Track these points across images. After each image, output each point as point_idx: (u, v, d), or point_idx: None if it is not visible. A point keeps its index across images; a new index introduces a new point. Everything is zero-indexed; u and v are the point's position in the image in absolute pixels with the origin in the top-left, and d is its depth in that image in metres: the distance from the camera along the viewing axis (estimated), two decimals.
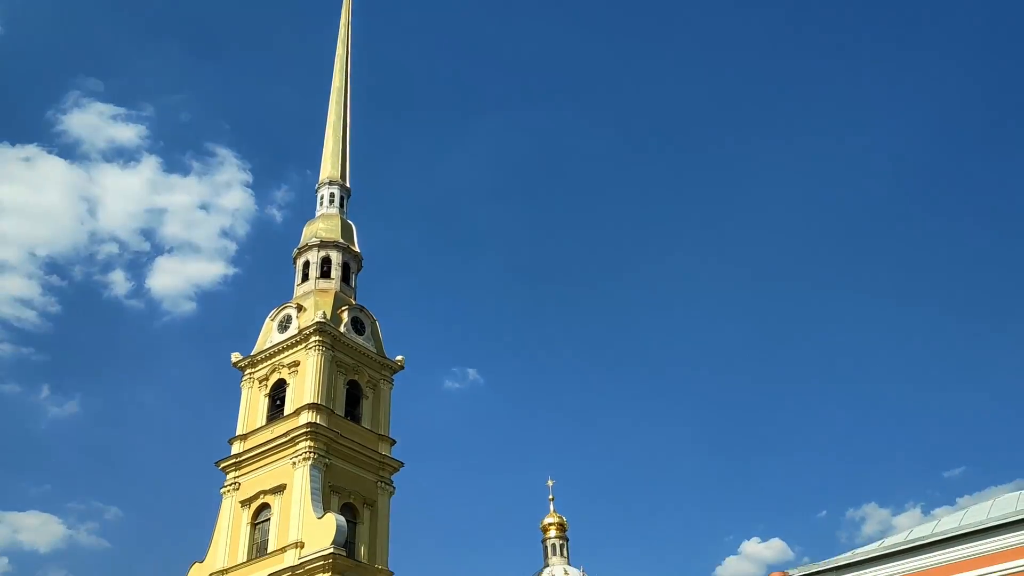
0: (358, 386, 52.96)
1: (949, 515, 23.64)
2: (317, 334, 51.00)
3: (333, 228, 59.92)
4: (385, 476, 51.04)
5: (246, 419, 52.18)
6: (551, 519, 72.48)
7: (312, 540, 43.83)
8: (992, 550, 19.05)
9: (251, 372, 53.89)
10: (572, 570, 68.47)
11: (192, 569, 48.60)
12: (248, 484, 49.22)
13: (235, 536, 47.89)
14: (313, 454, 46.79)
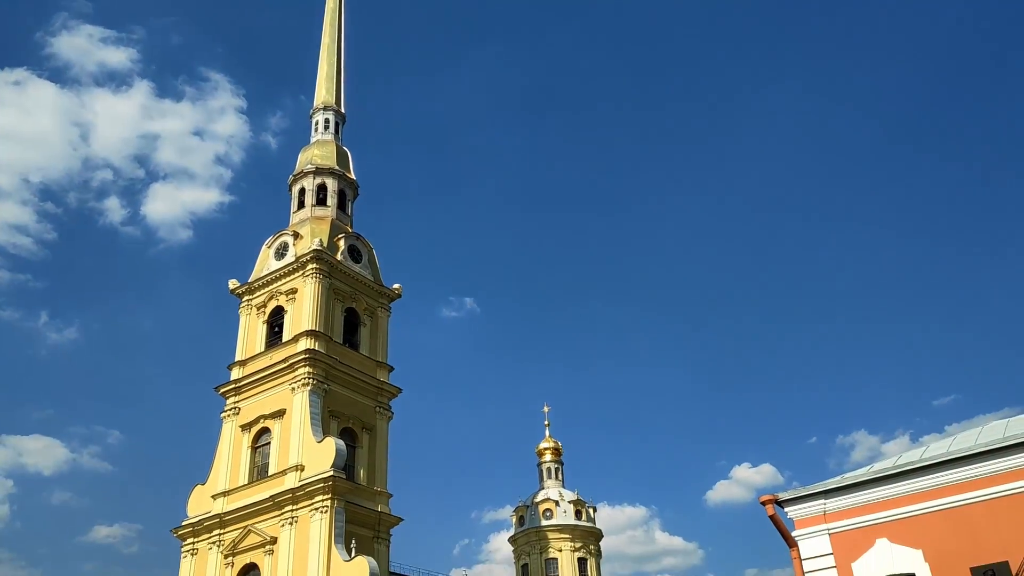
0: (356, 314, 53.24)
1: (937, 441, 24.09)
2: (314, 262, 51.04)
3: (328, 155, 59.44)
4: (383, 402, 51.72)
5: (245, 345, 52.59)
6: (546, 444, 73.82)
7: (312, 463, 44.65)
8: (979, 475, 19.42)
9: (249, 299, 54.10)
10: (567, 493, 70.05)
11: (194, 491, 49.62)
12: (248, 409, 49.90)
13: (236, 459, 48.76)
14: (312, 380, 47.31)
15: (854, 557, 20.35)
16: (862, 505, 20.84)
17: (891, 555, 19.92)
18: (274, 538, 44.03)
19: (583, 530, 67.82)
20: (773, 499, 21.61)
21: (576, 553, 66.51)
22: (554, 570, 65.91)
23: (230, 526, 46.36)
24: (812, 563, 20.84)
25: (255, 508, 45.54)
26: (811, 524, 21.26)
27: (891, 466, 21.38)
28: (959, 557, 19.11)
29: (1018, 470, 19.23)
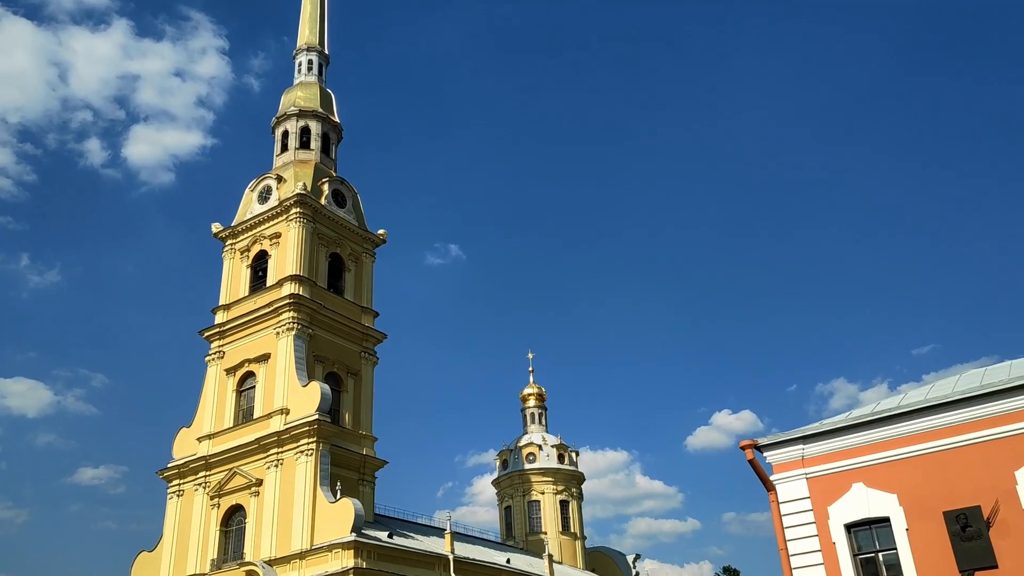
0: (340, 259, 53.03)
1: (915, 389, 24.46)
2: (298, 206, 50.61)
3: (312, 97, 58.58)
4: (368, 347, 51.83)
5: (229, 289, 52.39)
6: (530, 390, 74.47)
7: (297, 407, 44.88)
8: (955, 422, 19.77)
9: (232, 243, 53.72)
10: (550, 437, 70.91)
11: (179, 434, 49.85)
12: (233, 353, 49.90)
13: (221, 403, 48.92)
14: (297, 324, 47.28)
15: (830, 501, 20.77)
16: (840, 451, 21.21)
17: (867, 499, 20.34)
18: (260, 480, 44.43)
19: (565, 473, 68.86)
20: (752, 444, 21.95)
21: (558, 496, 67.63)
22: (537, 512, 67.07)
23: (216, 468, 46.72)
24: (789, 506, 21.26)
25: (240, 451, 45.86)
26: (789, 469, 21.64)
27: (869, 413, 21.71)
28: (933, 501, 19.53)
29: (993, 417, 19.57)
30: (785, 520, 21.21)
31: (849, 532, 20.40)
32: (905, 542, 19.59)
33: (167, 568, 45.93)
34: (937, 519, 19.28)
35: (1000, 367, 23.44)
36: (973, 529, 18.68)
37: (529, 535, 65.76)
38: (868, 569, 20.09)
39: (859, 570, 20.09)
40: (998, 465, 19.08)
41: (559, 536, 65.55)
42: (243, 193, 55.50)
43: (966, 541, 18.72)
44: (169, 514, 47.68)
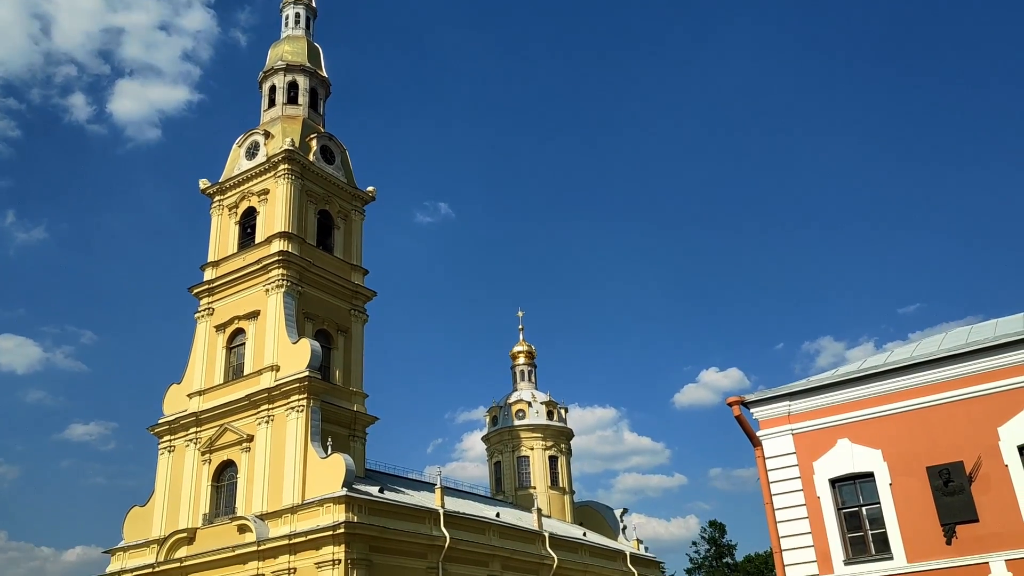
0: (329, 216, 52.73)
1: (902, 347, 24.69)
2: (286, 162, 50.17)
3: (299, 51, 57.75)
4: (358, 304, 51.81)
5: (217, 246, 52.11)
6: (520, 347, 74.74)
7: (287, 364, 44.96)
8: (940, 379, 20.02)
9: (220, 199, 53.31)
10: (539, 394, 71.40)
11: (169, 390, 49.92)
12: (222, 310, 49.82)
13: (211, 359, 48.95)
14: (286, 282, 47.15)
15: (816, 456, 21.08)
16: (826, 407, 21.48)
17: (851, 454, 20.65)
18: (250, 436, 44.67)
19: (554, 430, 69.47)
20: (740, 400, 22.18)
21: (547, 451, 68.31)
22: (526, 468, 67.78)
23: (206, 424, 46.91)
24: (775, 461, 21.57)
25: (231, 407, 46.01)
26: (776, 425, 21.93)
27: (855, 370, 21.93)
28: (916, 457, 19.85)
29: (978, 375, 19.82)
30: (771, 475, 21.54)
31: (833, 487, 20.75)
32: (888, 496, 19.94)
33: (159, 523, 46.33)
34: (920, 474, 19.60)
35: (986, 325, 23.66)
36: (955, 484, 19.02)
37: (518, 490, 66.57)
38: (852, 523, 20.47)
39: (843, 524, 20.46)
40: (981, 421, 19.37)
41: (548, 491, 66.38)
42: (230, 149, 54.97)
43: (948, 496, 19.07)
44: (160, 469, 47.96)
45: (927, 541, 19.15)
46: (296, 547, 39.97)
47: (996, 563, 18.26)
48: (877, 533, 20.03)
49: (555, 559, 52.78)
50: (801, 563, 20.48)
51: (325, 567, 38.75)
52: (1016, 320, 22.89)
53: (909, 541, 19.38)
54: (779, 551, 20.95)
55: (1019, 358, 19.34)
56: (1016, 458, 18.83)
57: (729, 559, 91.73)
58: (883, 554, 19.67)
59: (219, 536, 42.95)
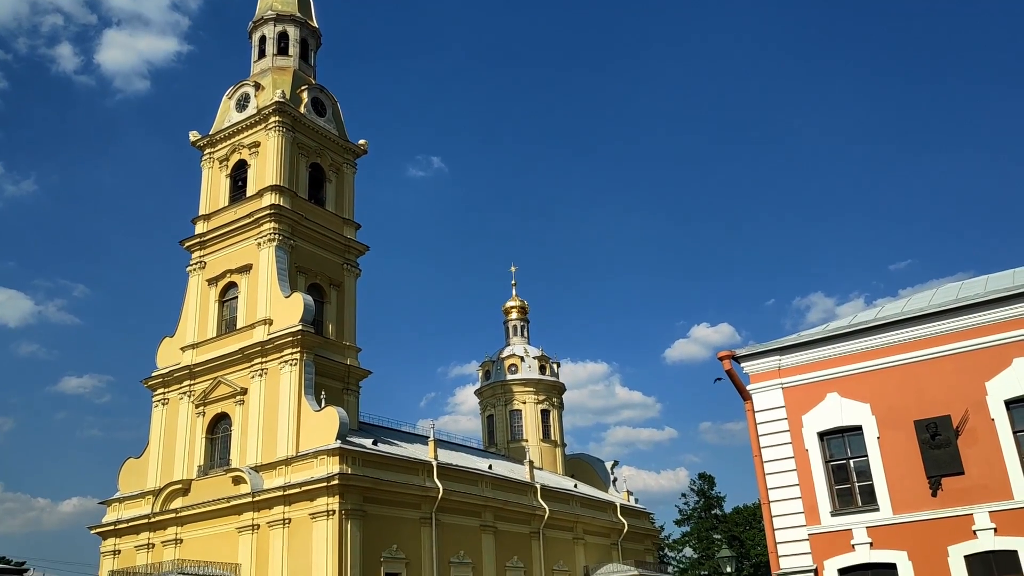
0: (321, 169, 52.32)
1: (892, 303, 24.82)
2: (276, 114, 49.61)
3: (290, 0, 56.77)
4: (351, 259, 51.68)
5: (208, 199, 51.74)
6: (513, 303, 74.86)
7: (280, 318, 44.97)
8: (929, 334, 20.17)
9: (210, 152, 52.80)
10: (532, 349, 71.74)
11: (163, 343, 49.96)
12: (214, 263, 49.65)
13: (204, 313, 48.92)
14: (278, 235, 46.94)
15: (805, 410, 21.29)
16: (815, 362, 21.64)
17: (840, 408, 20.86)
18: (244, 389, 44.85)
19: (547, 384, 69.95)
20: (730, 355, 22.33)
21: (540, 405, 68.85)
22: (518, 421, 68.40)
23: (200, 377, 47.05)
24: (765, 415, 21.79)
25: (224, 360, 46.11)
26: (766, 379, 22.10)
27: (846, 325, 22.06)
28: (904, 411, 20.07)
29: (967, 330, 19.96)
30: (760, 428, 21.77)
31: (822, 440, 21.00)
32: (876, 449, 20.21)
33: (154, 474, 46.73)
34: (908, 428, 19.84)
35: (977, 281, 23.77)
36: (942, 437, 19.28)
37: (511, 443, 67.25)
38: (839, 475, 20.77)
39: (830, 476, 20.76)
40: (969, 376, 19.56)
41: (540, 444, 67.08)
42: (220, 101, 54.29)
43: (935, 449, 19.33)
44: (155, 422, 48.22)
45: (913, 493, 19.47)
46: (291, 498, 40.42)
47: (980, 514, 18.59)
48: (864, 485, 20.34)
49: (546, 510, 53.55)
50: (789, 514, 20.82)
51: (320, 518, 39.24)
52: (1006, 276, 22.99)
53: (895, 493, 19.70)
54: (767, 502, 21.28)
55: (1008, 314, 19.47)
56: (1003, 412, 19.06)
57: (718, 511, 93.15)
58: (869, 505, 20.00)
59: (214, 487, 43.38)
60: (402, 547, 42.37)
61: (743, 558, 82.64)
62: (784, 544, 20.71)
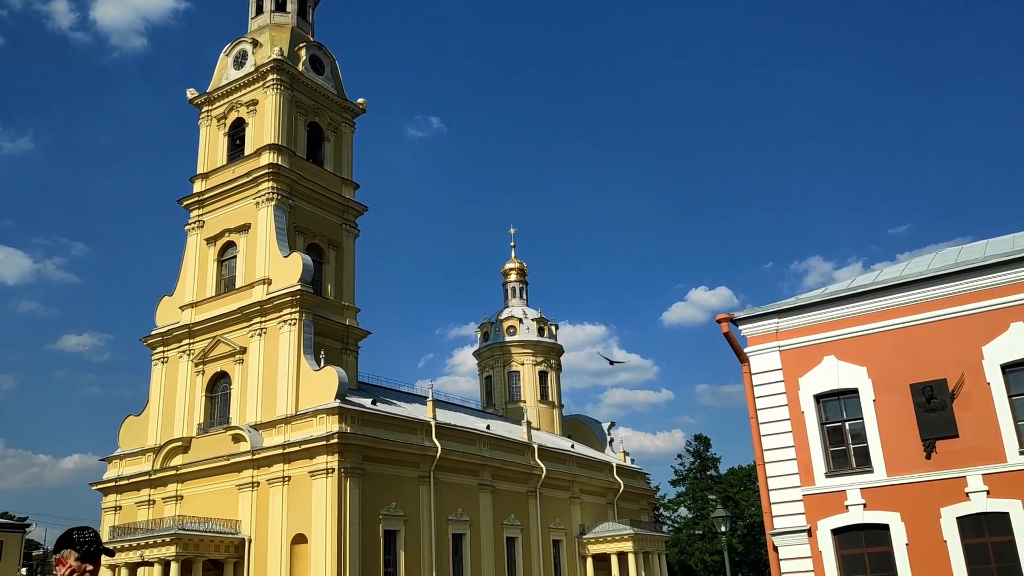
0: (319, 128, 51.93)
1: (891, 266, 24.81)
2: (274, 72, 49.09)
3: None
4: (349, 219, 51.51)
5: (206, 158, 51.41)
6: (512, 264, 74.77)
7: (279, 277, 44.95)
8: (927, 298, 20.18)
9: (208, 110, 52.34)
10: (530, 311, 71.82)
11: (162, 302, 49.99)
12: (212, 222, 49.49)
13: (202, 272, 48.89)
14: (276, 195, 46.73)
15: (802, 372, 21.37)
16: (813, 325, 21.66)
17: (837, 371, 20.94)
18: (243, 348, 44.98)
19: (545, 346, 70.15)
20: (728, 317, 22.35)
21: (538, 367, 69.10)
22: (516, 382, 68.69)
23: (199, 336, 47.16)
24: (762, 377, 21.87)
25: (224, 319, 46.18)
26: (763, 342, 22.14)
27: (844, 288, 22.07)
28: (900, 374, 20.15)
29: (965, 294, 19.96)
30: (757, 390, 21.87)
31: (818, 402, 21.11)
32: (872, 412, 20.33)
33: (154, 432, 47.05)
34: (903, 391, 19.94)
35: (976, 245, 23.72)
36: (938, 400, 19.38)
37: (509, 404, 67.65)
38: (834, 437, 20.92)
39: (825, 438, 20.91)
40: (966, 340, 19.61)
41: (538, 405, 67.49)
42: (218, 58, 53.69)
43: (930, 412, 19.45)
44: (154, 380, 48.42)
45: (907, 455, 19.62)
46: (290, 456, 40.76)
47: (973, 477, 18.77)
48: (859, 447, 20.49)
49: (543, 469, 54.05)
50: (783, 475, 21.01)
51: (319, 476, 39.60)
52: (1006, 241, 22.94)
53: (889, 455, 19.85)
54: (762, 463, 21.46)
55: (1007, 278, 19.46)
56: (999, 376, 19.14)
57: (713, 472, 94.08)
58: (863, 467, 20.17)
59: (214, 445, 43.72)
60: (401, 505, 42.83)
61: (737, 518, 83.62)
62: (778, 504, 20.93)
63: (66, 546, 4.63)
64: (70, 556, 4.60)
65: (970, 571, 18.36)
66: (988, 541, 18.47)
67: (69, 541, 4.64)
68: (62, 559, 4.59)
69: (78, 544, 4.63)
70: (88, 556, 4.60)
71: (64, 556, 4.61)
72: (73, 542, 4.64)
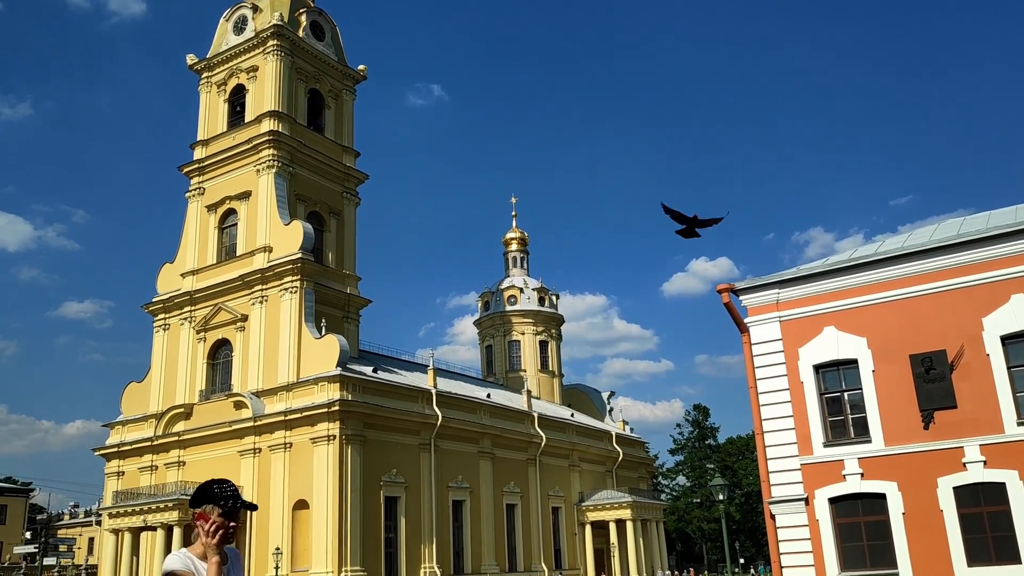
0: (320, 95, 51.57)
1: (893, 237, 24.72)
2: (274, 38, 48.65)
3: None
4: (350, 187, 51.34)
5: (206, 124, 51.13)
6: (513, 234, 74.64)
7: (280, 245, 44.92)
8: (929, 270, 20.12)
9: (208, 76, 51.94)
10: (531, 280, 71.84)
11: (163, 269, 50.00)
12: (213, 189, 49.35)
13: (203, 239, 48.83)
14: (277, 162, 46.54)
15: (802, 343, 21.37)
16: (814, 295, 21.63)
17: (837, 342, 20.95)
18: (245, 316, 45.07)
19: (545, 315, 70.26)
20: (729, 288, 22.31)
21: (538, 336, 69.28)
22: (517, 351, 68.90)
23: (200, 303, 47.22)
24: (761, 347, 21.88)
25: (225, 287, 46.22)
26: (764, 312, 22.11)
27: (845, 259, 22.01)
28: (900, 345, 20.16)
29: (967, 266, 19.91)
30: (756, 360, 21.89)
31: (817, 372, 21.14)
32: (871, 382, 20.37)
33: (156, 398, 47.30)
34: (903, 362, 19.96)
35: (979, 217, 23.61)
36: (937, 371, 19.40)
37: (509, 373, 67.90)
38: (833, 407, 20.98)
39: (824, 408, 20.98)
40: (967, 311, 19.59)
41: (538, 374, 67.74)
42: (218, 23, 53.17)
43: (929, 383, 19.49)
44: (156, 347, 48.57)
45: (905, 425, 19.70)
46: (292, 423, 41.01)
47: (970, 447, 18.85)
48: (857, 417, 20.56)
49: (543, 438, 54.39)
50: (782, 444, 21.11)
51: (320, 442, 39.88)
52: (1008, 212, 22.84)
53: (888, 425, 19.93)
54: (761, 433, 21.55)
55: (1009, 250, 19.39)
56: (998, 347, 19.15)
57: (711, 441, 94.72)
58: (862, 437, 20.26)
59: (215, 412, 43.98)
60: (401, 472, 43.16)
61: (735, 487, 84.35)
62: (776, 473, 21.05)
63: (208, 500, 4.31)
64: (213, 511, 4.27)
65: (965, 540, 18.51)
66: (984, 511, 18.60)
67: (211, 495, 4.32)
68: (204, 514, 4.27)
69: (220, 499, 4.30)
70: (231, 512, 4.28)
71: (207, 511, 4.28)
72: (215, 496, 4.31)
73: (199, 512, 4.33)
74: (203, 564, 4.24)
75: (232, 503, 4.32)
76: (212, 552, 4.24)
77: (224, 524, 4.29)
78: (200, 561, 4.25)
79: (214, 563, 4.21)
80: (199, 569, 4.22)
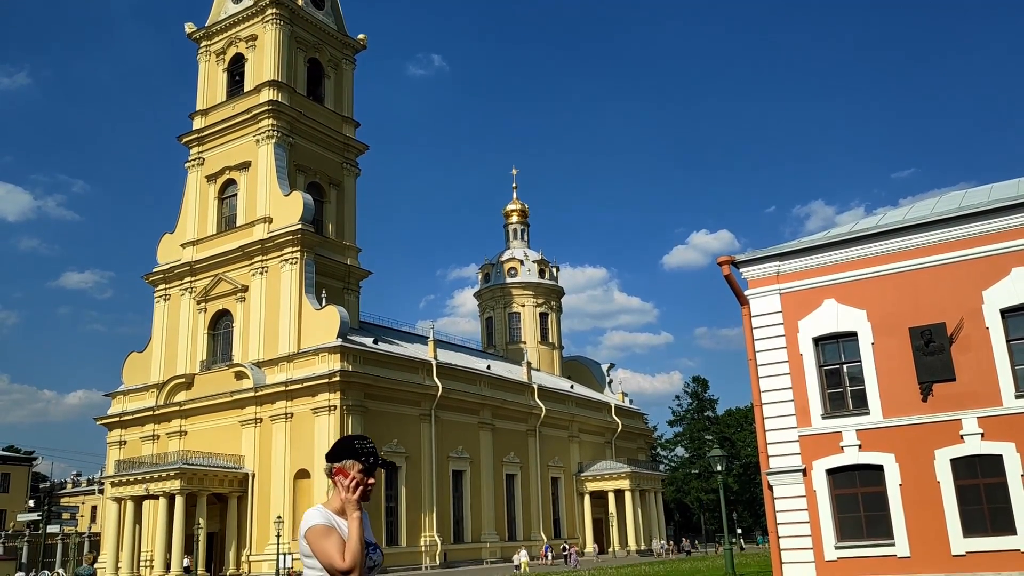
0: (319, 65, 51.20)
1: (895, 210, 24.65)
2: (273, 6, 48.21)
3: None
4: (350, 158, 51.14)
5: (205, 94, 50.84)
6: (513, 206, 74.48)
7: (280, 216, 44.85)
8: (929, 243, 20.06)
9: (207, 45, 51.54)
10: (531, 253, 71.79)
11: (163, 240, 49.98)
12: (212, 160, 49.17)
13: (203, 210, 48.75)
14: (277, 132, 46.32)
15: (802, 315, 21.38)
16: (814, 268, 21.59)
17: (836, 314, 20.96)
18: (245, 286, 45.10)
19: (546, 288, 70.30)
20: (730, 260, 22.28)
21: (538, 308, 69.38)
22: (517, 323, 69.05)
23: (201, 274, 47.25)
24: (761, 320, 21.89)
25: (225, 257, 46.22)
26: (764, 284, 22.09)
27: (846, 232, 21.95)
28: (900, 318, 20.17)
29: (968, 239, 19.87)
30: (756, 333, 21.91)
31: (817, 345, 21.17)
32: (870, 355, 20.41)
33: (157, 368, 47.47)
34: (902, 334, 19.98)
35: (981, 190, 23.52)
36: (936, 344, 19.43)
37: (509, 345, 68.07)
38: (832, 380, 21.04)
39: (823, 380, 21.03)
40: (967, 284, 19.58)
41: (538, 346, 67.92)
42: None
43: (928, 355, 19.52)
44: (157, 317, 48.66)
45: (904, 398, 19.76)
46: (293, 393, 41.20)
47: (968, 420, 18.93)
48: (856, 390, 20.62)
49: (543, 409, 54.66)
50: (780, 416, 21.19)
51: (321, 412, 40.09)
52: (1011, 185, 22.74)
53: (886, 397, 19.99)
54: (759, 404, 21.62)
55: (1010, 223, 19.34)
56: (998, 321, 19.16)
57: (710, 413, 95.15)
58: (860, 409, 20.33)
59: (216, 382, 44.16)
60: (402, 442, 43.43)
61: (733, 458, 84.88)
62: (774, 445, 21.14)
63: (348, 455, 4.19)
64: (354, 467, 4.15)
65: (962, 511, 18.65)
66: (980, 483, 18.72)
67: (352, 450, 4.19)
68: (343, 469, 4.15)
69: (362, 454, 4.17)
70: (371, 468, 4.15)
71: (347, 466, 4.16)
72: (356, 452, 4.18)
73: (338, 467, 4.22)
74: (341, 520, 4.15)
75: (373, 459, 4.20)
76: (352, 507, 4.15)
77: (364, 480, 4.19)
78: (337, 517, 4.17)
79: (355, 518, 4.10)
80: (339, 523, 4.13)
